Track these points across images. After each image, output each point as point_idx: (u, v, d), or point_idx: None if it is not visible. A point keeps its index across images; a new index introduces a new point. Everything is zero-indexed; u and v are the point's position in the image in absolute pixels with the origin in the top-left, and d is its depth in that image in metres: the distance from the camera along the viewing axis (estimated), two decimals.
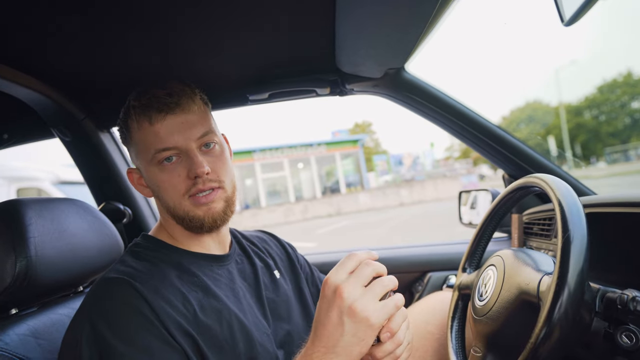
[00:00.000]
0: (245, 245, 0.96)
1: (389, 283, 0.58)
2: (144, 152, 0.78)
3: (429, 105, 1.23)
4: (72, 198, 1.01)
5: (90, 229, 0.98)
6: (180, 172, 0.77)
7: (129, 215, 1.35)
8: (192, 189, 0.77)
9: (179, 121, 0.77)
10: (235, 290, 0.81)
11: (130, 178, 0.86)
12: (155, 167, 0.77)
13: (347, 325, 0.54)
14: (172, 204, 0.78)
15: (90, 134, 1.28)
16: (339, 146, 22.76)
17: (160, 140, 0.76)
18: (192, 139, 0.77)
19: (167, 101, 0.76)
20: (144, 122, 0.77)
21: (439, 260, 1.47)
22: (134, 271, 0.73)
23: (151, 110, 0.76)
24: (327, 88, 1.21)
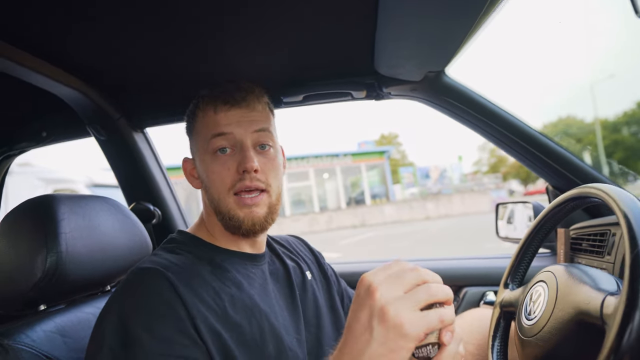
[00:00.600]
0: (276, 247, 0.95)
1: (437, 292, 0.48)
2: (202, 140, 0.80)
3: (469, 111, 1.18)
4: (105, 197, 1.01)
5: (121, 227, 0.98)
6: (230, 165, 0.78)
7: (158, 215, 1.36)
8: (238, 184, 0.77)
9: (241, 114, 0.79)
10: (268, 290, 0.81)
11: (184, 167, 0.87)
12: (209, 155, 0.79)
13: (375, 330, 0.46)
14: (217, 197, 0.79)
15: (124, 133, 1.29)
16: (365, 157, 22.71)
17: (218, 126, 0.78)
18: (248, 132, 0.79)
19: (235, 95, 0.80)
20: (209, 110, 0.80)
21: (476, 275, 1.41)
22: (168, 263, 0.72)
23: (218, 100, 0.80)
24: (364, 91, 1.19)
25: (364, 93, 1.20)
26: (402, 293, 0.47)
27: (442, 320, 0.47)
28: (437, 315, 0.47)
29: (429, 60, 1.05)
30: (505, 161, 36.30)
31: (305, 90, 1.18)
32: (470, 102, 1.17)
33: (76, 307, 0.88)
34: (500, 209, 1.57)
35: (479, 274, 1.41)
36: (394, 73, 1.12)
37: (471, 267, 1.45)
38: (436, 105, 1.22)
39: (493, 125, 1.18)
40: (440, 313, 0.48)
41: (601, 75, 50.43)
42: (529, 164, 1.25)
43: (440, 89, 1.16)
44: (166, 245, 0.82)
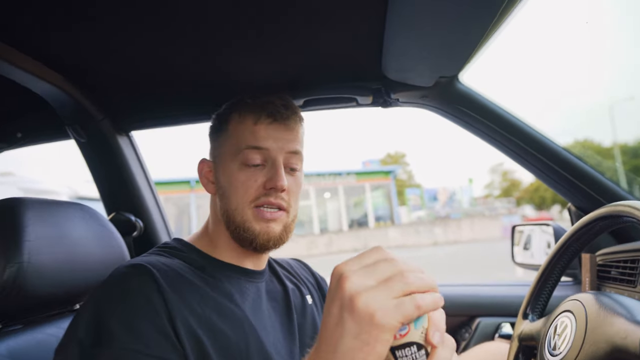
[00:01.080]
0: (277, 268, 0.97)
1: (415, 280, 0.46)
2: (233, 145, 0.83)
3: (483, 121, 1.16)
4: (80, 203, 0.98)
5: (96, 238, 0.96)
6: (258, 178, 0.82)
7: (140, 228, 1.33)
8: (262, 198, 0.81)
9: (281, 131, 0.84)
10: (261, 308, 0.82)
11: (200, 168, 0.90)
12: (237, 164, 0.82)
13: (347, 323, 0.45)
14: (234, 206, 0.81)
15: (107, 136, 1.27)
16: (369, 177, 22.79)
17: (255, 138, 0.82)
18: (284, 151, 0.83)
19: (281, 110, 0.84)
20: (249, 118, 0.84)
21: (490, 303, 1.37)
22: (156, 262, 0.74)
23: (262, 112, 0.83)
24: (370, 97, 1.16)
25: (370, 99, 1.17)
26: (375, 283, 0.45)
27: (419, 305, 0.44)
28: (413, 302, 0.45)
29: (442, 64, 1.03)
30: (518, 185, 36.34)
31: (306, 94, 1.16)
32: (485, 112, 1.14)
33: (36, 327, 0.84)
34: (517, 232, 1.56)
35: (493, 303, 1.38)
36: (403, 78, 1.10)
37: (485, 296, 1.41)
38: (448, 114, 1.19)
39: (510, 138, 1.16)
40: (416, 299, 0.45)
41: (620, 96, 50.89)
42: (549, 181, 1.21)
43: (453, 96, 1.14)
44: (158, 249, 0.83)
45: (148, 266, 0.71)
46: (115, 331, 0.61)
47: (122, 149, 1.31)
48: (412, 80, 1.11)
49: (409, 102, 1.20)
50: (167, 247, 0.84)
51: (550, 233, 1.39)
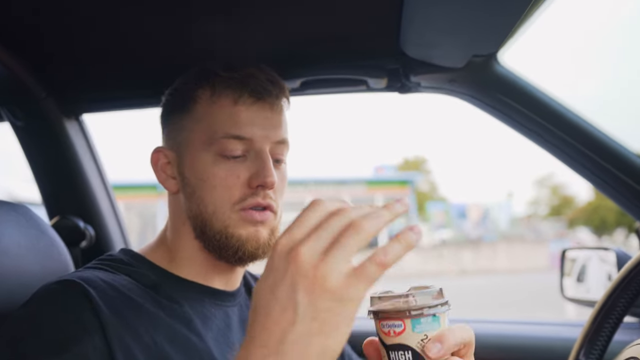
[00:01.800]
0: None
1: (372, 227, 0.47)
2: (204, 132, 0.82)
3: (528, 114, 1.15)
4: (14, 203, 0.98)
5: (32, 247, 0.95)
6: (241, 173, 0.81)
7: (90, 236, 1.33)
8: (249, 199, 0.81)
9: (267, 115, 0.84)
10: (230, 340, 0.81)
11: (154, 159, 0.89)
12: (211, 155, 0.82)
13: (301, 304, 0.45)
14: (211, 210, 0.81)
15: (51, 119, 1.27)
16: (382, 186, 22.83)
17: (236, 124, 0.81)
18: (270, 140, 0.84)
19: (267, 87, 0.84)
20: (225, 97, 0.83)
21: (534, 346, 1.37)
22: (94, 278, 0.74)
23: (244, 88, 0.82)
24: (384, 79, 1.17)
25: (385, 82, 1.18)
26: (327, 245, 0.46)
27: (381, 262, 0.45)
28: (375, 263, 0.45)
29: (477, 39, 1.03)
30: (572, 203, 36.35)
31: (304, 73, 1.17)
32: (531, 101, 1.14)
33: None
34: (568, 259, 1.57)
35: (538, 346, 1.38)
36: (427, 55, 1.10)
37: (528, 336, 1.41)
38: (482, 104, 1.19)
39: (561, 135, 1.15)
40: (379, 258, 0.46)
41: None
42: (613, 194, 1.20)
43: (490, 80, 1.14)
44: (100, 261, 0.83)
45: (80, 282, 0.71)
46: (30, 355, 0.63)
47: (70, 136, 1.30)
48: (437, 59, 1.11)
49: (433, 87, 1.20)
50: (110, 259, 0.84)
51: (611, 261, 1.38)
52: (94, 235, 1.35)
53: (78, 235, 1.31)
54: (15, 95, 1.22)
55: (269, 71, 0.88)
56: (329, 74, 1.17)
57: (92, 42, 1.07)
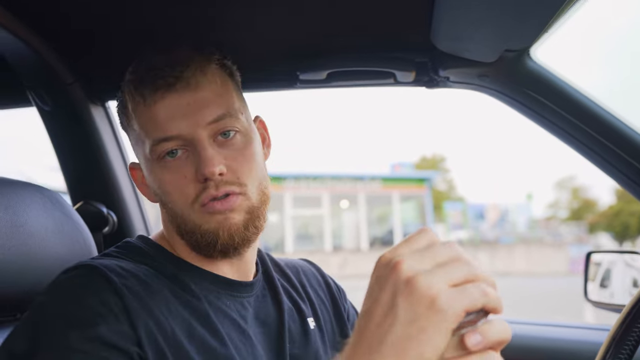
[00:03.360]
0: (275, 277, 0.96)
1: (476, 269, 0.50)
2: (141, 142, 0.82)
3: (561, 112, 1.13)
4: (40, 185, 0.99)
5: (57, 230, 0.96)
6: (187, 171, 0.79)
7: (112, 222, 1.35)
8: (203, 195, 0.78)
9: (184, 102, 0.78)
10: (245, 333, 0.81)
11: (134, 176, 0.90)
12: (156, 163, 0.80)
13: (400, 308, 0.48)
14: (179, 213, 0.81)
15: (77, 104, 1.28)
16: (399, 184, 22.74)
17: (158, 126, 0.78)
18: (200, 125, 0.78)
19: (166, 74, 0.78)
20: (138, 102, 0.80)
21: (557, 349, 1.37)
22: (112, 265, 0.74)
23: (144, 84, 0.79)
24: (412, 72, 1.16)
25: (412, 75, 1.17)
26: (431, 267, 0.49)
27: (486, 293, 0.48)
28: (479, 289, 0.48)
29: (510, 33, 1.02)
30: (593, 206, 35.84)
31: (331, 64, 1.16)
32: (563, 99, 1.12)
33: None
34: (593, 262, 1.54)
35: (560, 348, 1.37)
36: (457, 49, 1.09)
37: (550, 338, 1.41)
38: (512, 101, 1.18)
39: (595, 136, 1.12)
40: (481, 287, 0.49)
41: None
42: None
43: (522, 76, 1.12)
44: (118, 249, 0.83)
45: (100, 267, 0.72)
46: (58, 333, 0.64)
47: (95, 121, 1.32)
48: (468, 53, 1.10)
49: (462, 83, 1.20)
50: (130, 247, 0.84)
51: (637, 265, 1.37)
52: (116, 221, 1.36)
53: (101, 221, 1.33)
54: (43, 80, 1.23)
55: (176, 52, 0.81)
56: (357, 66, 1.16)
57: (120, 29, 1.08)
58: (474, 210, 27.55)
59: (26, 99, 1.30)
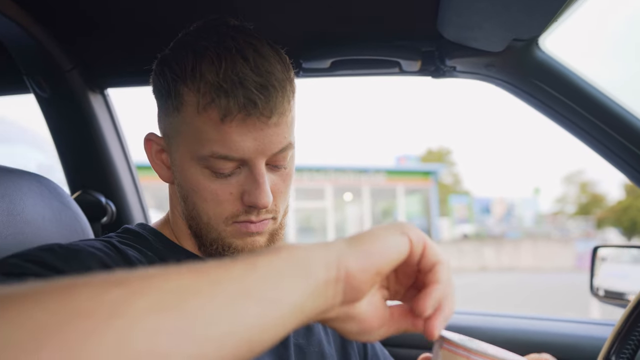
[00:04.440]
0: None
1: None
2: (193, 143, 0.76)
3: (569, 104, 1.13)
4: (37, 174, 0.99)
5: (55, 219, 0.96)
6: (233, 189, 0.77)
7: (111, 212, 1.35)
8: (241, 216, 0.78)
9: (261, 128, 0.74)
10: None
11: (148, 147, 0.86)
12: (201, 169, 0.77)
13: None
14: (205, 220, 0.80)
15: (76, 91, 1.28)
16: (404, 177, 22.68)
17: (225, 143, 0.74)
18: (266, 155, 0.76)
19: (257, 99, 0.72)
20: (212, 111, 0.73)
21: (560, 343, 1.36)
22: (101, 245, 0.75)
23: (231, 102, 0.71)
24: (418, 61, 1.16)
25: (418, 65, 1.17)
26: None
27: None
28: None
29: (518, 22, 1.01)
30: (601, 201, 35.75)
31: (335, 53, 1.16)
32: (572, 90, 1.11)
33: None
34: (599, 255, 1.54)
35: (564, 343, 1.37)
36: (464, 38, 1.09)
37: (553, 332, 1.41)
38: (519, 91, 1.17)
39: (604, 128, 1.12)
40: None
41: None
42: None
43: (529, 66, 1.12)
44: (115, 236, 0.83)
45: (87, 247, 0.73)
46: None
47: (94, 109, 1.32)
48: (475, 42, 1.09)
49: (469, 73, 1.19)
50: (129, 233, 0.85)
51: None
52: (115, 211, 1.37)
53: (99, 211, 1.33)
54: (41, 66, 1.23)
55: (265, 66, 0.74)
56: (361, 54, 1.16)
57: (119, 15, 1.08)
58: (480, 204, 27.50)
59: (24, 86, 1.30)
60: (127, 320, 0.34)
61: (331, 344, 0.94)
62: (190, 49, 0.76)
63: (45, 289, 0.35)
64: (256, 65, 0.73)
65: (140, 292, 0.36)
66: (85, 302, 0.34)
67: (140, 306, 0.35)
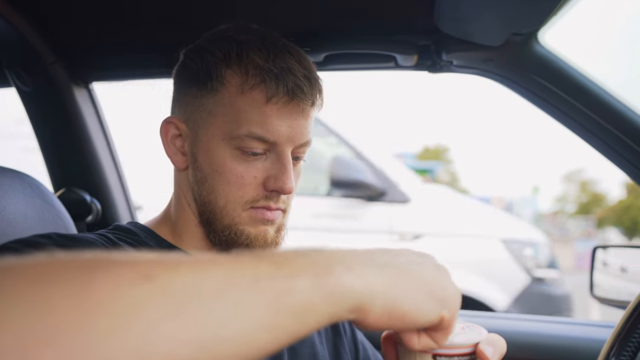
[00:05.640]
0: None
1: None
2: (228, 123, 0.81)
3: (569, 100, 1.13)
4: (20, 171, 0.99)
5: (39, 218, 0.96)
6: (258, 173, 0.82)
7: (96, 211, 1.34)
8: (261, 201, 0.82)
9: (296, 117, 0.82)
10: None
11: (164, 130, 0.88)
12: (230, 149, 0.81)
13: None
14: (222, 204, 0.82)
15: (59, 85, 1.28)
16: None
17: (265, 126, 0.80)
18: (295, 144, 0.83)
19: (304, 86, 0.80)
20: (258, 92, 0.79)
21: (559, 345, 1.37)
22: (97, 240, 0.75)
23: (280, 86, 0.79)
24: (414, 56, 1.16)
25: (415, 59, 1.17)
26: None
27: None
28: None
29: (517, 15, 1.01)
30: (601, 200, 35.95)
31: (329, 47, 1.16)
32: (572, 86, 1.12)
33: None
34: (599, 256, 1.54)
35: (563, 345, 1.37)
36: (462, 32, 1.09)
37: (552, 334, 1.41)
38: (517, 86, 1.17)
39: (605, 125, 1.12)
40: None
41: None
42: None
43: (528, 61, 1.12)
44: (107, 232, 0.83)
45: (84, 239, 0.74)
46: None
47: (78, 104, 1.31)
48: (473, 36, 1.10)
49: (466, 67, 1.19)
50: (120, 230, 0.85)
51: None
52: (100, 209, 1.36)
53: (84, 209, 1.33)
54: (23, 58, 1.23)
55: (308, 63, 0.84)
56: (356, 48, 1.16)
57: (104, 6, 1.07)
58: None
59: (5, 79, 1.30)
60: (149, 323, 0.34)
61: (324, 345, 0.94)
62: (232, 40, 0.82)
63: (67, 265, 0.35)
64: (300, 60, 0.82)
65: (164, 292, 0.36)
66: (109, 294, 0.34)
67: (163, 309, 0.35)
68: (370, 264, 0.50)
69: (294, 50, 0.84)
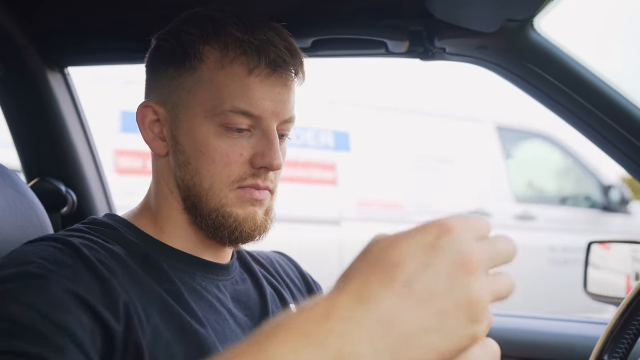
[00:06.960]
0: (252, 263, 0.98)
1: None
2: (210, 100, 0.81)
3: (566, 90, 1.13)
4: None
5: (9, 209, 0.94)
6: (244, 150, 0.81)
7: (72, 202, 1.33)
8: (249, 180, 0.82)
9: (279, 90, 0.83)
10: (222, 316, 0.83)
11: (142, 115, 0.87)
12: (214, 126, 0.81)
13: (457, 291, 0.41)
14: (208, 185, 0.82)
15: (32, 70, 1.26)
16: None
17: (248, 99, 0.80)
18: (280, 119, 0.84)
19: (286, 58, 0.82)
20: (239, 65, 0.81)
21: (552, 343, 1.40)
22: (85, 241, 0.75)
23: (262, 58, 0.80)
24: (405, 42, 1.15)
25: (406, 46, 1.16)
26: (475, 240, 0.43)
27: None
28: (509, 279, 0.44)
29: (511, 1, 1.02)
30: None
31: (317, 31, 1.16)
32: (569, 76, 1.12)
33: None
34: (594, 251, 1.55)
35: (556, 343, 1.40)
36: (455, 17, 1.09)
37: (545, 332, 1.44)
38: (512, 75, 1.17)
39: (604, 118, 1.12)
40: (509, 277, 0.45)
41: None
42: None
43: (524, 48, 1.12)
44: (85, 225, 0.83)
45: (72, 241, 0.73)
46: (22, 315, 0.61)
47: (53, 89, 1.30)
48: (467, 22, 1.09)
49: (459, 55, 1.19)
50: (96, 224, 0.84)
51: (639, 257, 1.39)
52: (76, 201, 1.35)
53: (59, 201, 1.31)
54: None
55: (287, 36, 0.86)
56: (345, 33, 1.15)
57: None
58: None
59: None
60: None
61: None
62: (208, 18, 0.83)
63: None
64: (279, 33, 0.84)
65: None
66: None
67: None
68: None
69: (272, 24, 0.85)
